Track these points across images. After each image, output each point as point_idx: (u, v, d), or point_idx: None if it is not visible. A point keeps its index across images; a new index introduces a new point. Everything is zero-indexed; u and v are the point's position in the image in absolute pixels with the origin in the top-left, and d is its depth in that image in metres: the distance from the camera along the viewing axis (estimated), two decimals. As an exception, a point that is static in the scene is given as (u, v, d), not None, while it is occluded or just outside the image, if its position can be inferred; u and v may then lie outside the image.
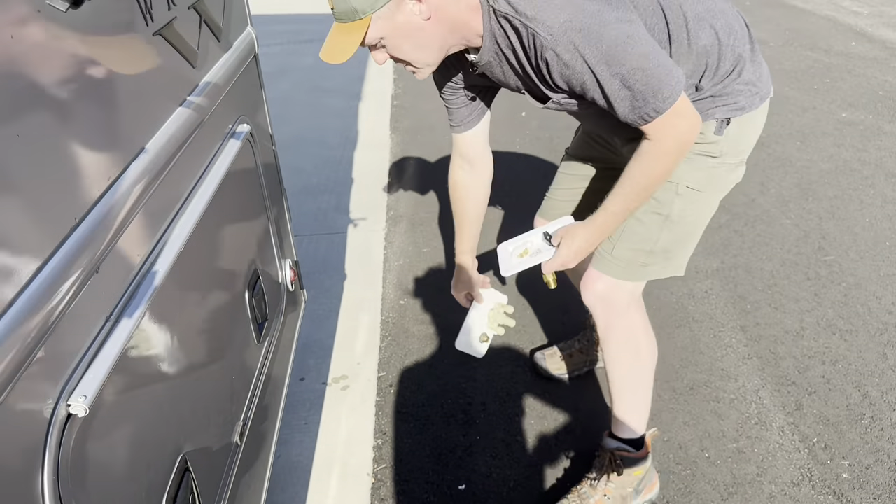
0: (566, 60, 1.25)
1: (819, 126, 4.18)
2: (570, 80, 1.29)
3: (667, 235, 1.59)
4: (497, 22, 1.31)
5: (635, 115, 1.30)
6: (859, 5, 6.60)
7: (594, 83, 1.27)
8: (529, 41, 1.27)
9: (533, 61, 1.31)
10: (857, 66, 5.11)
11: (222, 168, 1.27)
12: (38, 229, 0.74)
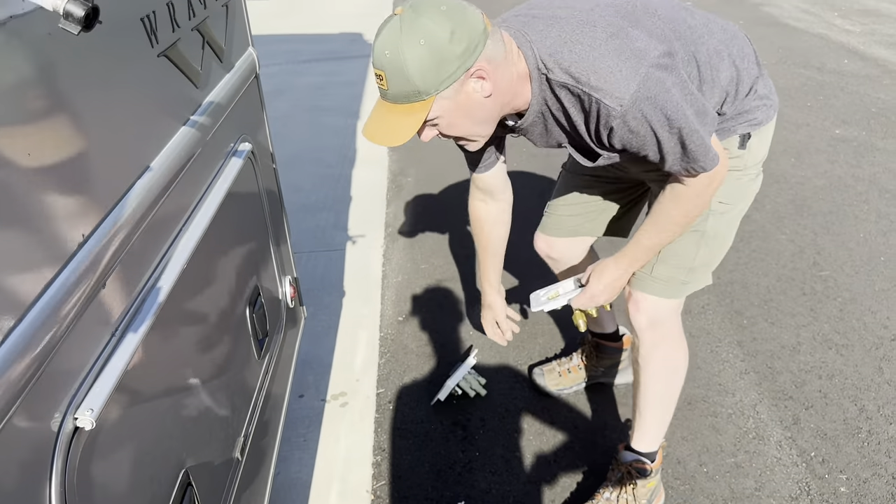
0: (633, 127, 1.27)
1: (813, 143, 4.22)
2: (631, 143, 1.31)
3: (704, 251, 1.63)
4: (551, 90, 1.31)
5: (682, 167, 1.35)
6: (851, 24, 6.68)
7: (654, 145, 1.30)
8: (593, 109, 1.27)
9: (592, 126, 1.32)
10: (849, 84, 5.16)
11: (224, 186, 1.29)
12: (47, 245, 0.76)
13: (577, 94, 1.27)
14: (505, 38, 1.27)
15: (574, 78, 1.25)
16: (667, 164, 1.35)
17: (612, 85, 1.22)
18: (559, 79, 1.27)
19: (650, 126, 1.26)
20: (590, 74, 1.24)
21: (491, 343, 2.56)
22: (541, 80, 1.30)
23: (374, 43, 1.19)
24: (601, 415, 2.24)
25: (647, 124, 1.26)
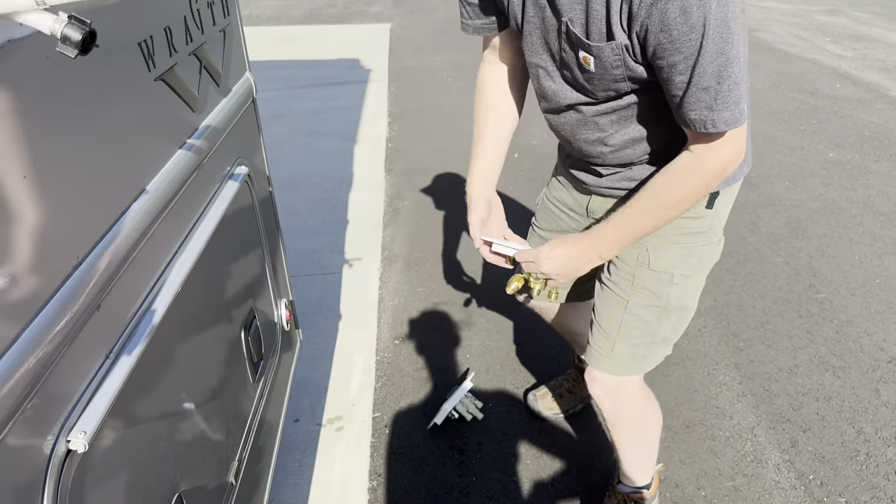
0: (686, 5, 1.03)
1: (807, 166, 4.26)
2: (664, 44, 1.08)
3: (665, 325, 1.52)
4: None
5: (703, 117, 1.13)
6: (843, 49, 6.77)
7: (693, 49, 1.06)
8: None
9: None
10: (842, 108, 5.21)
11: (220, 208, 1.29)
12: (41, 266, 0.76)
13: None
14: None
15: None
16: (687, 106, 1.14)
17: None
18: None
19: (705, 18, 1.03)
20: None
21: (488, 366, 2.55)
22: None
23: None
24: (598, 437, 2.22)
25: (703, 12, 1.03)
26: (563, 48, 1.25)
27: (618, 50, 1.15)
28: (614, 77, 1.21)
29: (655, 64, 1.13)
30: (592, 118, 1.35)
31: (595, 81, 1.24)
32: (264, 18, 9.15)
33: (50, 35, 0.69)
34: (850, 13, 8.22)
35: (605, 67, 1.19)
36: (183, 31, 1.22)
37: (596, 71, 1.21)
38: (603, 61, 1.18)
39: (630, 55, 1.15)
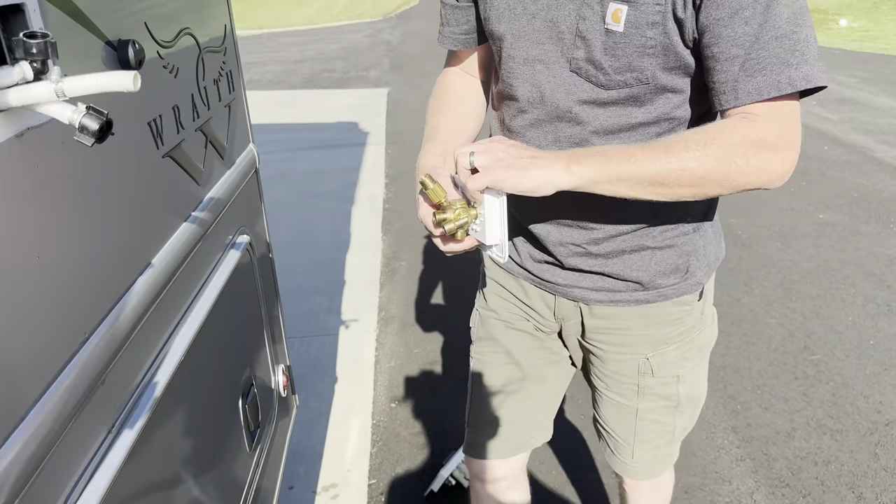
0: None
1: (798, 227, 4.32)
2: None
3: (681, 419, 1.41)
4: None
5: (777, 78, 0.95)
6: (829, 112, 6.93)
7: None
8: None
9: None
10: (830, 169, 5.32)
11: (222, 278, 1.32)
12: (50, 343, 0.78)
13: None
14: None
15: None
16: (753, 56, 0.95)
17: None
18: None
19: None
20: None
21: (484, 430, 2.54)
22: None
23: None
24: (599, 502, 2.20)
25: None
26: (584, 15, 1.05)
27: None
28: (644, 43, 1.01)
29: (711, 18, 0.96)
30: (593, 134, 1.13)
31: (619, 51, 1.03)
32: (264, 83, 9.37)
33: (68, 124, 0.73)
34: (834, 77, 8.45)
35: (640, 24, 1.00)
36: (190, 108, 1.27)
37: (625, 30, 1.01)
38: (640, 11, 1.00)
39: (673, 10, 0.99)
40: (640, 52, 1.03)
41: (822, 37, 11.52)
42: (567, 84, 1.11)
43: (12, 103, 0.70)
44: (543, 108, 1.16)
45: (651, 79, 1.06)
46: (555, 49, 1.11)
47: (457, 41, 1.32)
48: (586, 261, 1.25)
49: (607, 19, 1.02)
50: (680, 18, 0.99)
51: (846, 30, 12.22)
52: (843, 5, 14.51)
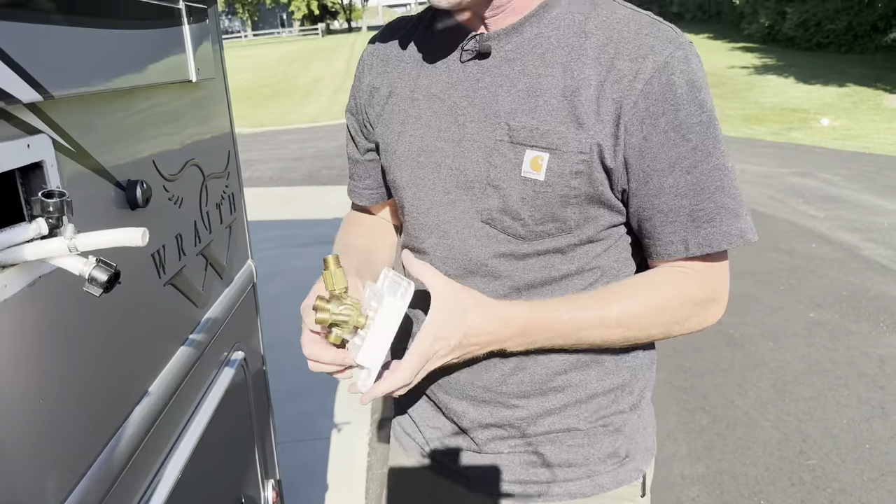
0: (691, 74, 0.92)
1: (789, 326, 4.36)
2: (664, 132, 0.91)
3: None
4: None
5: (725, 228, 0.94)
6: (815, 210, 7.11)
7: (702, 146, 0.92)
8: (644, 37, 0.92)
9: (624, 63, 0.91)
10: (818, 267, 5.41)
11: (216, 399, 1.34)
12: (50, 476, 0.80)
13: (623, 16, 0.94)
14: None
15: (623, 5, 0.98)
16: (687, 210, 0.93)
17: (667, 31, 0.94)
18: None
19: (701, 104, 0.92)
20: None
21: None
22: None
23: None
24: None
25: (697, 101, 0.92)
26: (494, 163, 0.97)
27: (586, 146, 0.92)
28: (567, 193, 0.94)
29: (648, 169, 0.93)
30: (512, 290, 1.02)
31: (539, 200, 0.95)
32: (265, 180, 9.60)
33: (78, 275, 0.78)
34: (819, 175, 8.70)
35: (563, 173, 0.93)
36: (193, 235, 1.33)
37: (547, 178, 0.94)
38: (563, 159, 0.93)
39: (601, 160, 0.93)
40: (563, 201, 0.96)
41: (805, 135, 11.95)
42: (479, 236, 1.01)
43: (27, 258, 0.75)
44: (454, 262, 1.04)
45: (575, 228, 0.98)
46: (463, 199, 1.01)
47: (363, 196, 1.26)
48: (509, 443, 1.10)
49: (525, 167, 0.95)
50: (609, 168, 0.94)
51: (828, 129, 12.66)
52: (824, 105, 15.08)
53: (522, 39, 0.97)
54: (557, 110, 0.93)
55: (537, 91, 0.95)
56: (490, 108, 0.98)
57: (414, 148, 1.06)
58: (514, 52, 0.97)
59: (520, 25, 0.96)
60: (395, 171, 1.10)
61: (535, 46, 0.96)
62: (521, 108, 0.95)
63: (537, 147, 0.94)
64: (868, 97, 15.53)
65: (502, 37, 0.97)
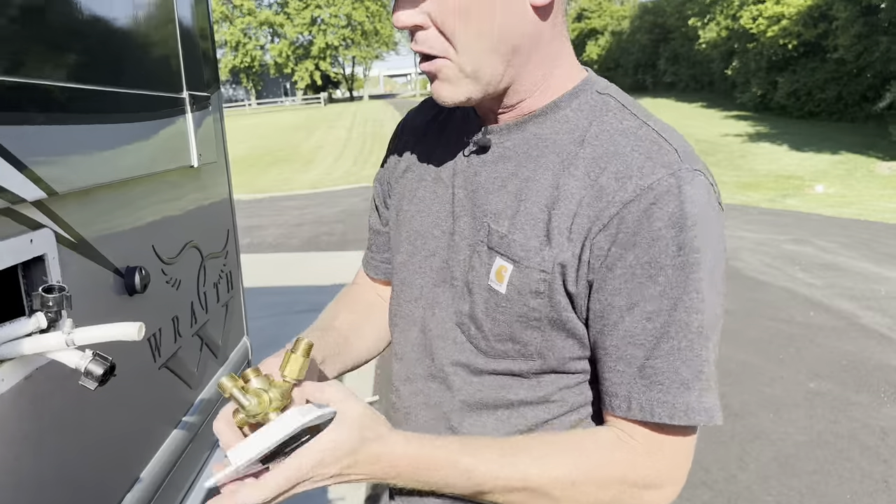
0: (661, 219, 0.79)
1: (789, 397, 4.32)
2: (629, 270, 0.80)
3: None
4: (591, 112, 0.89)
5: (671, 398, 0.80)
6: (813, 277, 7.13)
7: (669, 295, 0.79)
8: (630, 159, 0.82)
9: (607, 182, 0.82)
10: (817, 336, 5.40)
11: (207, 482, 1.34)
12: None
13: (627, 128, 0.85)
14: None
15: (635, 115, 0.88)
16: (659, 367, 0.80)
17: (678, 153, 0.83)
18: (616, 99, 0.90)
19: (701, 246, 0.79)
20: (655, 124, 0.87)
21: None
22: (589, 93, 0.90)
23: None
24: None
25: (704, 239, 0.79)
26: (473, 264, 0.92)
27: (549, 265, 0.84)
28: (526, 313, 0.87)
29: (606, 303, 0.82)
30: (462, 405, 0.95)
31: (500, 315, 0.88)
32: (264, 246, 9.67)
33: (74, 369, 0.80)
34: (815, 242, 8.77)
35: (523, 290, 0.86)
36: (189, 316, 1.35)
37: (507, 292, 0.87)
38: (524, 274, 0.86)
39: (563, 282, 0.84)
40: (522, 322, 0.87)
41: (800, 202, 12.09)
42: (450, 337, 0.95)
43: (25, 352, 0.77)
44: (421, 359, 0.99)
45: (536, 354, 0.88)
46: (446, 295, 0.96)
47: (379, 269, 1.19)
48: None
49: (491, 275, 0.89)
50: (570, 292, 0.84)
51: (823, 195, 12.82)
52: (818, 172, 15.31)
53: (521, 138, 0.91)
54: (535, 220, 0.86)
55: (523, 196, 0.88)
56: (480, 205, 0.92)
57: (413, 230, 1.03)
58: (511, 150, 0.91)
59: (523, 123, 0.91)
60: (395, 249, 1.08)
61: (532, 148, 0.90)
62: (504, 212, 0.89)
63: (505, 256, 0.88)
64: (861, 164, 15.79)
65: (504, 132, 0.92)
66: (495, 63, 0.84)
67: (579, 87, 0.90)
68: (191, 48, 1.40)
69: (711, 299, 0.81)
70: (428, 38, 0.83)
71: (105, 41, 1.05)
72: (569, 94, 0.89)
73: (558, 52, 0.88)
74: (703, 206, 0.80)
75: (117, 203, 1.08)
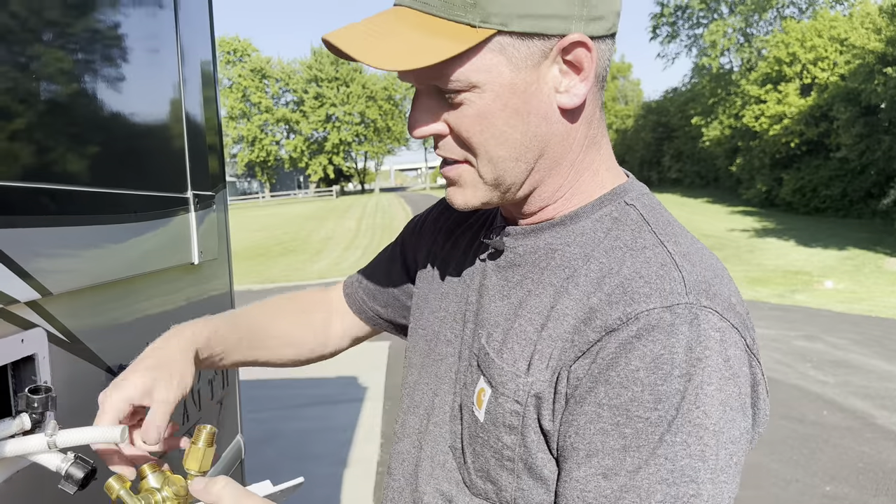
0: (639, 360, 0.66)
1: (804, 500, 4.17)
2: (601, 411, 0.67)
3: None
4: (613, 210, 0.80)
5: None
6: (825, 375, 7.01)
7: (641, 453, 0.65)
8: (627, 283, 0.71)
9: (598, 301, 0.72)
10: (832, 436, 5.25)
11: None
12: None
13: (640, 245, 0.75)
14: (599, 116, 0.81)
15: (654, 232, 0.76)
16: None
17: (699, 286, 0.70)
18: (640, 211, 0.79)
19: (684, 393, 0.65)
20: (681, 245, 0.75)
21: None
22: (615, 204, 0.81)
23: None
24: None
25: (684, 382, 0.65)
26: (466, 381, 0.85)
27: (523, 395, 0.74)
28: (500, 449, 0.76)
29: (564, 444, 0.71)
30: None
31: (478, 447, 0.79)
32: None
33: (55, 471, 0.79)
34: (826, 339, 8.66)
35: (496, 421, 0.76)
36: (181, 414, 1.34)
37: (485, 421, 0.78)
38: (498, 402, 0.76)
39: (537, 416, 0.73)
40: (497, 459, 0.77)
41: (809, 298, 12.03)
42: (442, 461, 0.86)
43: (7, 454, 0.77)
44: (404, 490, 0.92)
45: (514, 488, 0.76)
46: (444, 409, 0.88)
47: (355, 296, 1.15)
48: None
49: (474, 398, 0.81)
50: (546, 430, 0.73)
51: (832, 291, 12.77)
52: (826, 268, 15.31)
53: (533, 246, 0.82)
54: (525, 341, 0.77)
55: (522, 310, 0.79)
56: (483, 314, 0.85)
57: (430, 331, 0.96)
58: (521, 257, 0.83)
59: (540, 230, 0.82)
60: (411, 346, 1.01)
61: (541, 258, 0.81)
62: (501, 325, 0.81)
63: (486, 377, 0.79)
64: (869, 260, 15.80)
65: (519, 237, 0.84)
66: (518, 170, 0.77)
67: (607, 197, 0.81)
68: (198, 148, 1.45)
69: (702, 483, 0.65)
70: (447, 144, 0.77)
71: (109, 144, 1.09)
72: (593, 203, 0.80)
73: (592, 156, 0.80)
74: (706, 356, 0.66)
75: (113, 300, 1.10)
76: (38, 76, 0.87)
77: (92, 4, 1.06)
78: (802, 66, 24.57)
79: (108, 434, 0.78)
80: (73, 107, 0.98)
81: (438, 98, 0.74)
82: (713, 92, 30.79)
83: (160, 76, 1.31)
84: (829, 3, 30.40)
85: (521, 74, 0.72)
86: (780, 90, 25.25)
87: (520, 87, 0.72)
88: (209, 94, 1.57)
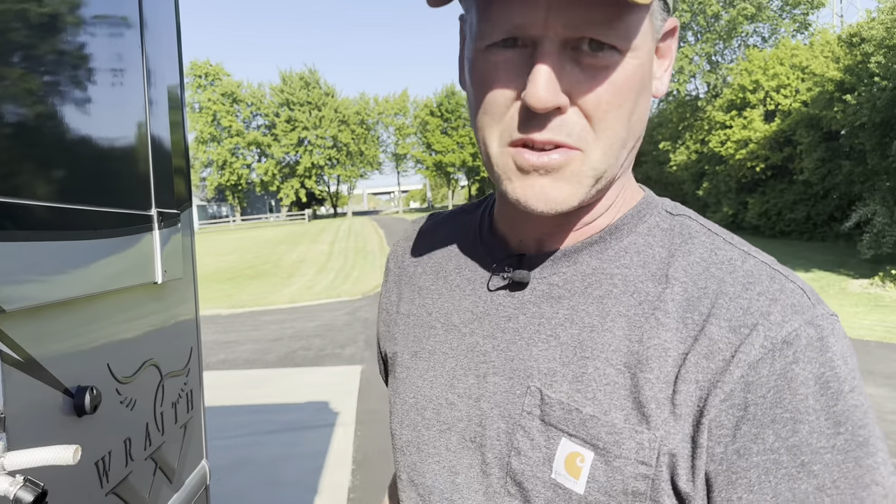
0: (807, 385, 0.57)
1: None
2: (750, 455, 0.58)
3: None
4: (660, 221, 0.71)
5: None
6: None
7: (825, 480, 0.56)
8: (746, 302, 0.61)
9: (697, 328, 0.62)
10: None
11: None
12: None
13: (727, 258, 0.66)
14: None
15: (730, 242, 0.68)
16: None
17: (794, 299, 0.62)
18: (698, 222, 0.71)
19: (855, 404, 0.58)
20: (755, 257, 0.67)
21: None
22: (657, 214, 0.71)
23: None
24: None
25: (856, 398, 0.58)
26: (518, 446, 0.68)
27: (649, 455, 0.61)
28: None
29: (730, 499, 0.59)
30: None
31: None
32: (239, 362, 9.49)
33: (3, 495, 0.75)
34: None
35: (614, 490, 0.62)
36: (143, 438, 1.30)
37: (588, 493, 0.63)
38: (614, 468, 0.62)
39: (671, 477, 0.62)
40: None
41: None
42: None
43: (-48, 478, 0.73)
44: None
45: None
46: (477, 489, 0.71)
47: None
48: None
49: (557, 465, 0.65)
50: (683, 492, 0.61)
51: None
52: None
53: (576, 272, 0.69)
54: (614, 386, 0.64)
55: (588, 350, 0.66)
56: (520, 360, 0.69)
57: (421, 397, 0.77)
58: (561, 287, 0.69)
59: (574, 252, 0.70)
60: (395, 422, 0.81)
61: (592, 285, 0.68)
62: (562, 371, 0.67)
63: (577, 438, 0.64)
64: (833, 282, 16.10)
65: (550, 264, 0.70)
66: (618, 162, 0.64)
67: (642, 207, 0.71)
68: (162, 166, 1.43)
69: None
70: (566, 122, 0.60)
71: (69, 159, 1.07)
72: (631, 213, 0.70)
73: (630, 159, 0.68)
74: (854, 363, 0.60)
75: (72, 319, 1.06)
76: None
77: (57, 25, 1.05)
78: (766, 92, 25.17)
79: (60, 455, 0.75)
80: (34, 122, 0.96)
81: (570, 62, 0.59)
82: (681, 117, 31.39)
83: (125, 95, 1.29)
84: (791, 32, 31.31)
85: (651, 47, 0.63)
86: (745, 116, 25.81)
87: (648, 61, 0.63)
88: (175, 113, 1.56)
